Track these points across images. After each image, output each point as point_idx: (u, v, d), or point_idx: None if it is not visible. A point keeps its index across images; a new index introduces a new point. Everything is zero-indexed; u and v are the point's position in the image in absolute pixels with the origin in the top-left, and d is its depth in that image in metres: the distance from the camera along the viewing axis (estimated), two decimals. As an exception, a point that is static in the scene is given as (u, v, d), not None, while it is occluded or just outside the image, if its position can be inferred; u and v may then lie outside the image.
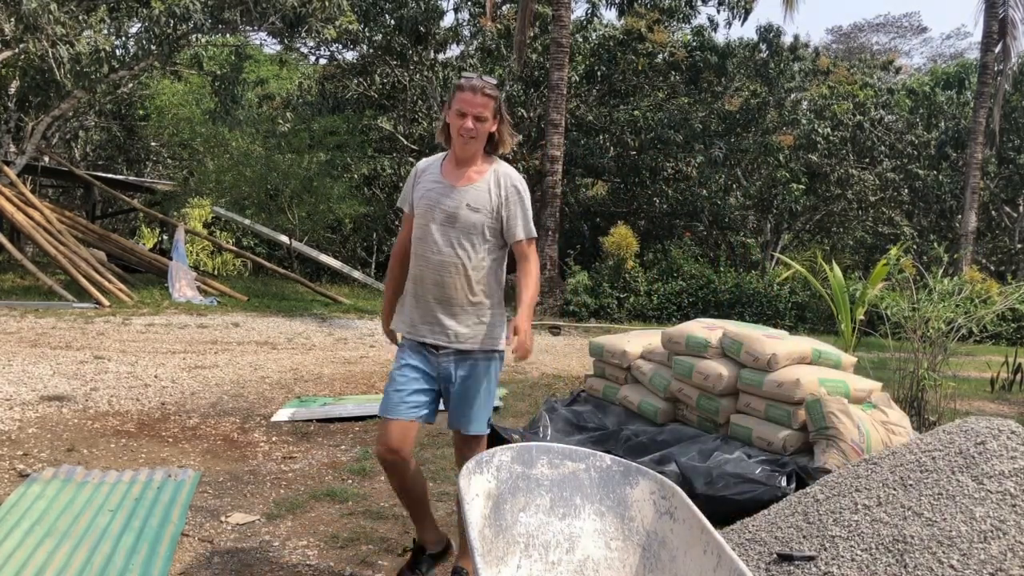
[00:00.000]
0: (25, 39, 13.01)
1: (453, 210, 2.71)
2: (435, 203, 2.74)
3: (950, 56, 31.92)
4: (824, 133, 18.49)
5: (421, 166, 2.88)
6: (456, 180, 2.75)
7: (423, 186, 2.80)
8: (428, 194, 2.77)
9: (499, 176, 2.76)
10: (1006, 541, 2.44)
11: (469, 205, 2.71)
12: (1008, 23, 16.23)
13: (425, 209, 2.75)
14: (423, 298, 2.76)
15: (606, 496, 2.49)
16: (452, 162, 2.78)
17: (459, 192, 2.72)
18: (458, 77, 2.64)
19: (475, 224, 2.72)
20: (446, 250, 2.72)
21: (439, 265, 2.73)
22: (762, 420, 4.22)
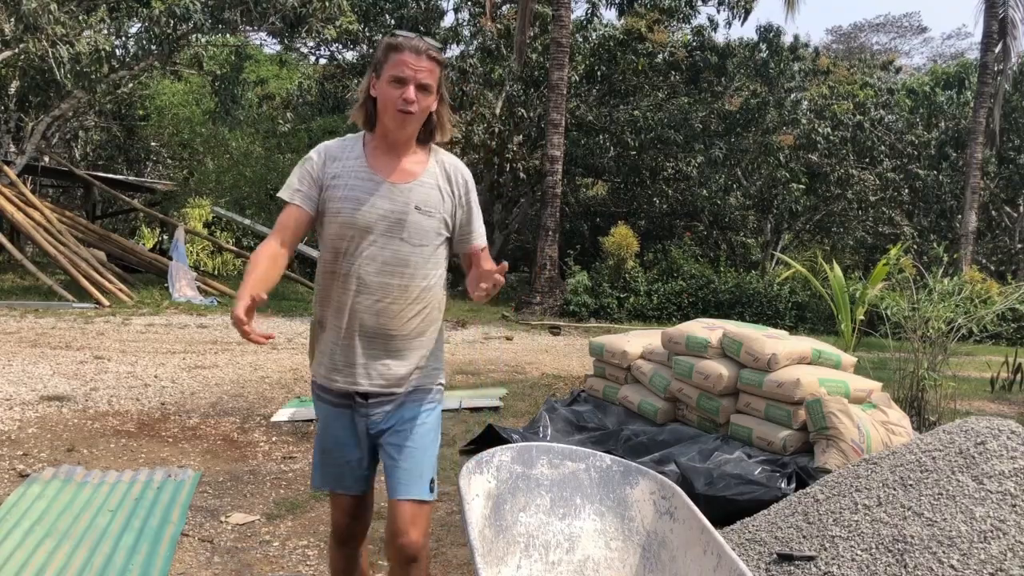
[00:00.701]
0: (25, 39, 13.01)
1: (399, 215, 2.04)
2: (370, 206, 2.03)
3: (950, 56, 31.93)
4: (824, 133, 18.49)
5: (329, 152, 2.12)
6: (393, 174, 2.07)
7: (343, 182, 2.07)
8: (354, 193, 2.04)
9: (447, 168, 2.13)
10: (1006, 541, 2.43)
11: (419, 208, 2.05)
12: (1008, 23, 16.22)
13: (352, 215, 2.03)
14: (350, 335, 2.07)
15: (606, 496, 2.49)
16: (380, 149, 2.09)
17: (402, 190, 2.05)
18: (392, 38, 2.09)
19: (427, 232, 2.07)
20: (389, 269, 2.04)
21: (379, 289, 2.04)
22: (762, 420, 4.22)
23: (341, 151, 2.10)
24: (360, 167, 2.07)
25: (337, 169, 2.07)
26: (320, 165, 2.09)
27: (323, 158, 2.09)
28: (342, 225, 2.04)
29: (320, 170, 2.08)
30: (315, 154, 2.11)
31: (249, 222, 17.03)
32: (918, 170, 19.79)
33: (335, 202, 2.05)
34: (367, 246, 2.04)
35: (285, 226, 2.06)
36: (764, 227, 20.16)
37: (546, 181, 14.54)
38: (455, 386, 6.82)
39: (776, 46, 18.56)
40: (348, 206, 2.04)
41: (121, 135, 22.09)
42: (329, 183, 2.07)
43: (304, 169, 2.09)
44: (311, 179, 2.07)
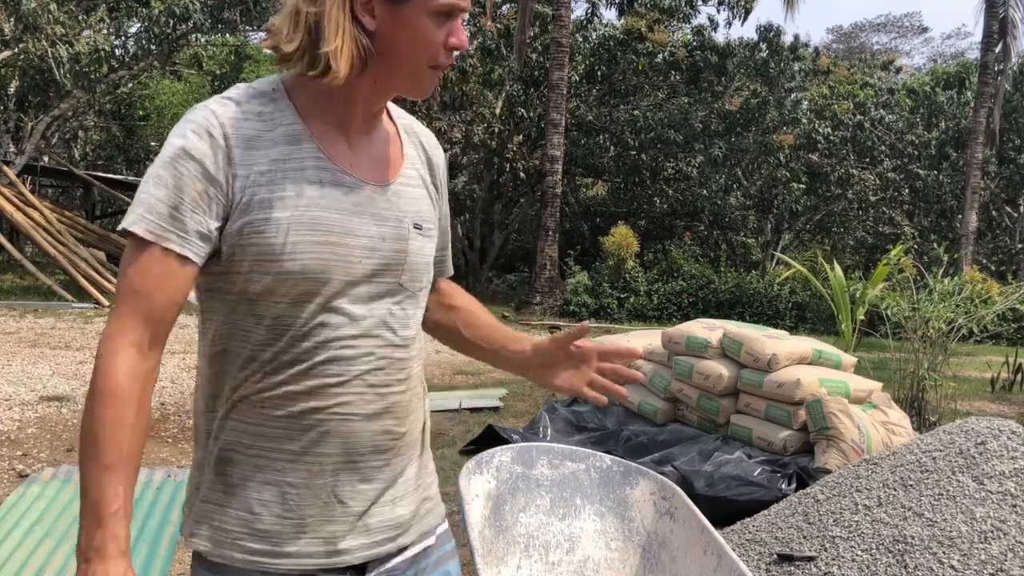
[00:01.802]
0: (24, 39, 13.01)
1: (395, 246, 1.15)
2: (348, 236, 1.11)
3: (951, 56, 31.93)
4: (824, 133, 18.49)
5: (233, 128, 1.07)
6: (368, 166, 1.15)
7: (282, 191, 1.07)
8: (314, 213, 1.09)
9: (422, 142, 1.27)
10: (1007, 541, 2.43)
11: (419, 226, 1.19)
12: (1008, 23, 16.22)
13: (319, 258, 1.08)
14: (320, 468, 1.12)
15: (606, 496, 2.48)
16: (333, 119, 1.13)
17: (389, 198, 1.16)
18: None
19: (426, 268, 1.22)
20: (387, 342, 1.15)
21: (375, 379, 1.13)
22: (762, 420, 4.21)
23: (259, 123, 1.07)
24: (310, 156, 1.09)
25: (263, 163, 1.06)
26: (218, 159, 1.04)
27: (222, 143, 1.05)
28: (298, 279, 1.05)
29: (222, 170, 1.04)
30: (199, 135, 1.04)
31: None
32: (918, 170, 19.79)
33: (273, 234, 1.04)
34: (347, 308, 1.09)
35: (149, 300, 1.02)
36: (764, 227, 20.16)
37: (546, 181, 14.54)
38: (455, 386, 6.82)
39: (776, 46, 18.56)
40: (306, 240, 1.05)
41: (121, 135, 22.10)
42: (247, 197, 1.04)
43: (180, 171, 1.03)
44: (199, 194, 1.03)
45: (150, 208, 1.03)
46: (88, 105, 17.31)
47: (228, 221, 1.05)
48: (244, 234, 1.05)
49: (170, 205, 1.03)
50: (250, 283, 1.06)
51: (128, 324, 1.02)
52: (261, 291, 1.07)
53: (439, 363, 8.13)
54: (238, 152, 1.05)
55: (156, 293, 1.03)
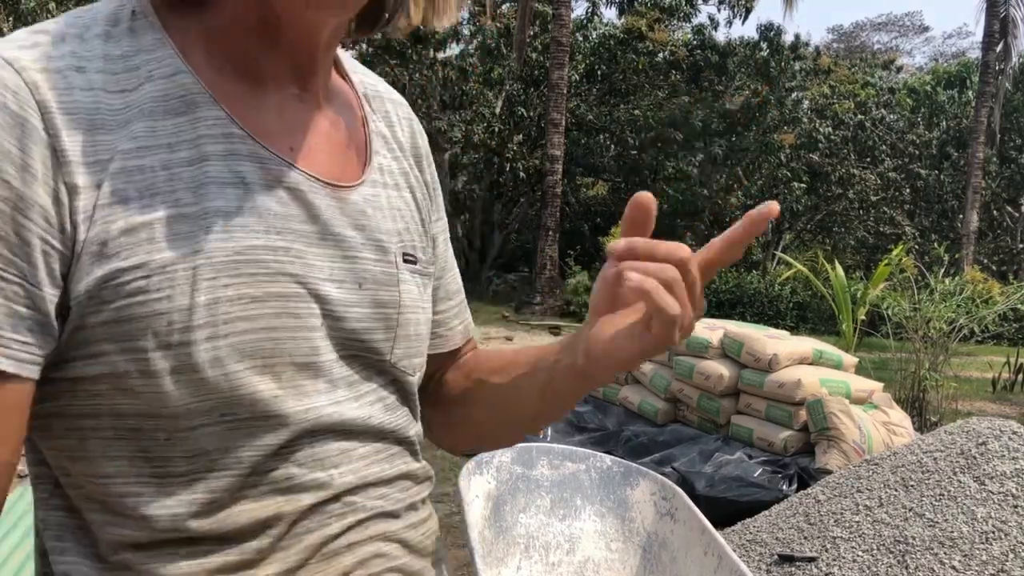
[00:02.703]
0: (25, 38, 13.04)
1: (378, 298, 0.65)
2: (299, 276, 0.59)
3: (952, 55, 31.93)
4: (825, 132, 18.49)
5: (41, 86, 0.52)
6: (321, 152, 0.64)
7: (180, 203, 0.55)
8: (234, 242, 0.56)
9: (393, 112, 0.74)
10: (1008, 542, 2.43)
11: (410, 257, 0.69)
12: (1009, 22, 16.22)
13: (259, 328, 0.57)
14: None
15: (606, 497, 2.48)
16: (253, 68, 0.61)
17: (361, 206, 0.65)
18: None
19: (427, 327, 0.71)
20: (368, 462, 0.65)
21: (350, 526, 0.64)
22: (763, 421, 4.21)
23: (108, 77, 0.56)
24: (216, 132, 0.58)
25: (126, 153, 0.55)
26: (31, 158, 0.52)
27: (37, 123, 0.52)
28: (220, 378, 0.56)
29: (41, 180, 0.52)
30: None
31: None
32: (919, 170, 19.79)
33: (164, 292, 0.54)
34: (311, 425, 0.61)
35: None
36: (765, 227, 20.18)
37: (546, 181, 14.54)
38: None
39: (777, 45, 18.56)
40: (230, 296, 0.56)
41: (121, 135, 22.15)
42: (101, 227, 0.54)
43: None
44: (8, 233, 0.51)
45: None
46: (88, 105, 17.34)
47: (69, 280, 0.54)
48: (103, 299, 0.54)
49: None
50: (122, 397, 0.56)
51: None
52: (151, 410, 0.56)
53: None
54: (74, 139, 0.54)
55: None
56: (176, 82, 0.58)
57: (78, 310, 0.54)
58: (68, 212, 0.53)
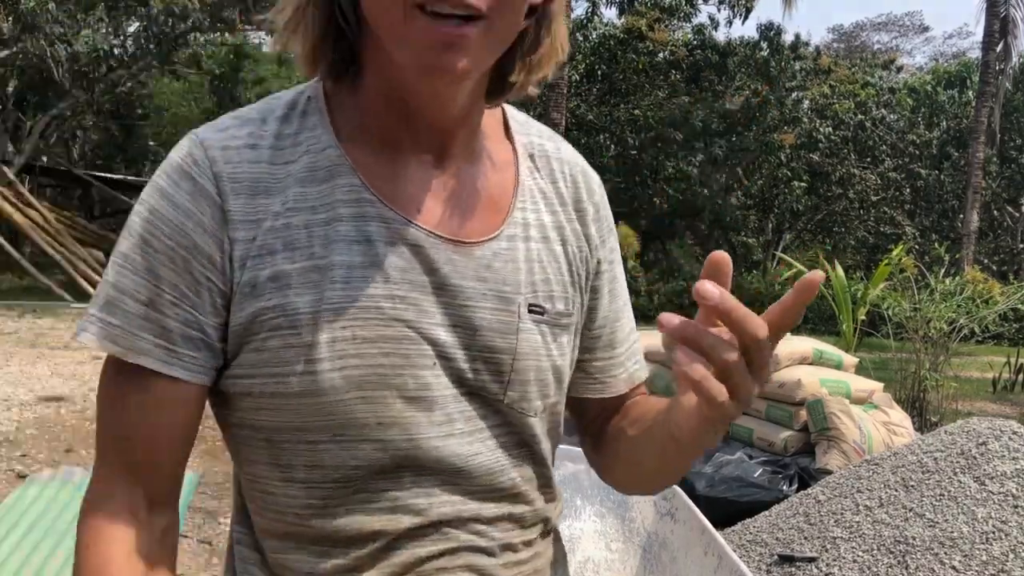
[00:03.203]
0: (23, 38, 13.01)
1: (492, 344, 0.72)
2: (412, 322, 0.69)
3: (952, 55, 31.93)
4: (825, 132, 18.48)
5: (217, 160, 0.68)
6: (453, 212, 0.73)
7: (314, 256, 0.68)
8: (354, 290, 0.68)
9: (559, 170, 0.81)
10: (1008, 542, 2.42)
11: (538, 308, 0.74)
12: (1009, 22, 16.22)
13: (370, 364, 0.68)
14: None
15: (607, 497, 2.47)
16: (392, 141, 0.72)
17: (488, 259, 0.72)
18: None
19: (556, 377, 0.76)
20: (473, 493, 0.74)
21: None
22: (763, 421, 4.20)
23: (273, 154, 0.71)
24: (350, 198, 0.70)
25: (276, 215, 0.69)
26: (204, 216, 0.68)
27: (211, 189, 0.68)
28: (335, 404, 0.68)
29: (211, 233, 0.68)
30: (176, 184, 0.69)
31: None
32: (920, 170, 19.79)
33: (294, 329, 0.68)
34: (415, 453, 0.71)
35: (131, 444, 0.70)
36: (765, 227, 20.15)
37: (546, 181, 14.55)
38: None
39: (777, 45, 18.55)
40: (348, 336, 0.68)
41: (120, 135, 22.10)
42: (253, 273, 0.68)
43: (152, 245, 0.68)
44: (180, 278, 0.68)
45: (112, 306, 0.67)
46: (87, 105, 17.32)
47: (230, 312, 0.67)
48: (251, 333, 0.67)
49: (142, 300, 0.66)
50: (264, 413, 0.69)
51: (112, 486, 0.69)
52: (282, 424, 0.68)
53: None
54: (237, 202, 0.67)
55: (139, 432, 0.68)
56: (325, 155, 0.70)
57: (234, 338, 0.68)
58: (228, 259, 0.67)
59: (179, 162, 0.69)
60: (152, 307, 0.67)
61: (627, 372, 0.85)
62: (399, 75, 0.67)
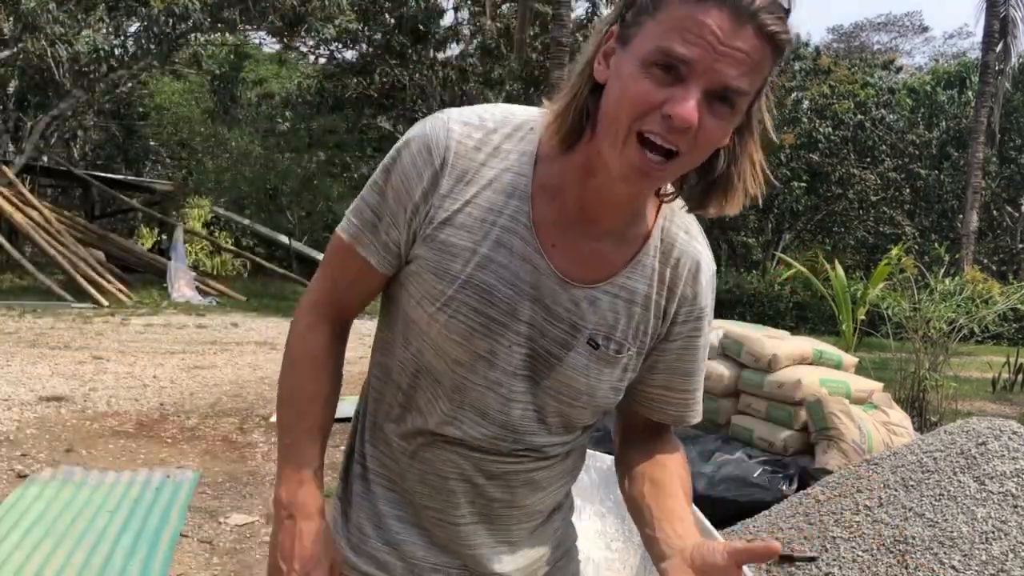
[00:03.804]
0: (24, 38, 13.01)
1: (546, 348, 1.00)
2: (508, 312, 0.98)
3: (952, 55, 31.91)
4: (825, 132, 18.49)
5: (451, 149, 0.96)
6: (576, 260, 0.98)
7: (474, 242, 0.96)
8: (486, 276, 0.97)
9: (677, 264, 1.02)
10: (1008, 542, 2.42)
11: (595, 341, 1.00)
12: (1009, 22, 16.21)
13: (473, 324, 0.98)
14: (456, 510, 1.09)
15: (606, 497, 2.47)
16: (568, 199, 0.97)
17: (579, 300, 0.98)
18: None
19: (587, 395, 1.03)
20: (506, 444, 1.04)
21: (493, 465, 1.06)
22: (763, 421, 4.21)
23: (487, 157, 0.96)
24: (513, 215, 0.96)
25: (466, 201, 0.96)
26: (424, 180, 0.96)
27: (437, 165, 0.95)
28: (444, 333, 0.97)
29: (422, 193, 0.96)
30: (419, 149, 0.96)
31: (248, 222, 17.04)
32: (919, 170, 19.79)
33: (439, 281, 0.96)
34: (481, 391, 0.99)
35: (341, 291, 1.05)
36: (765, 227, 20.15)
37: (546, 181, 14.55)
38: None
39: (776, 45, 18.52)
40: (468, 301, 0.96)
41: (120, 135, 22.10)
42: (433, 231, 0.96)
43: (390, 181, 0.98)
44: (397, 210, 0.97)
45: (358, 212, 1.01)
46: (87, 105, 17.33)
47: (413, 244, 0.98)
48: (417, 264, 0.98)
49: (374, 213, 0.99)
50: (410, 307, 1.01)
51: (323, 306, 1.06)
52: (415, 319, 1.00)
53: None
54: (447, 183, 0.95)
55: (348, 289, 1.04)
56: (517, 178, 0.95)
57: (409, 259, 0.99)
58: (425, 214, 0.96)
59: (431, 135, 0.96)
60: (378, 220, 0.98)
61: (668, 414, 1.11)
62: (602, 165, 0.90)
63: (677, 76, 0.81)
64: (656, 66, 0.81)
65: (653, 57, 0.81)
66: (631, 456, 1.13)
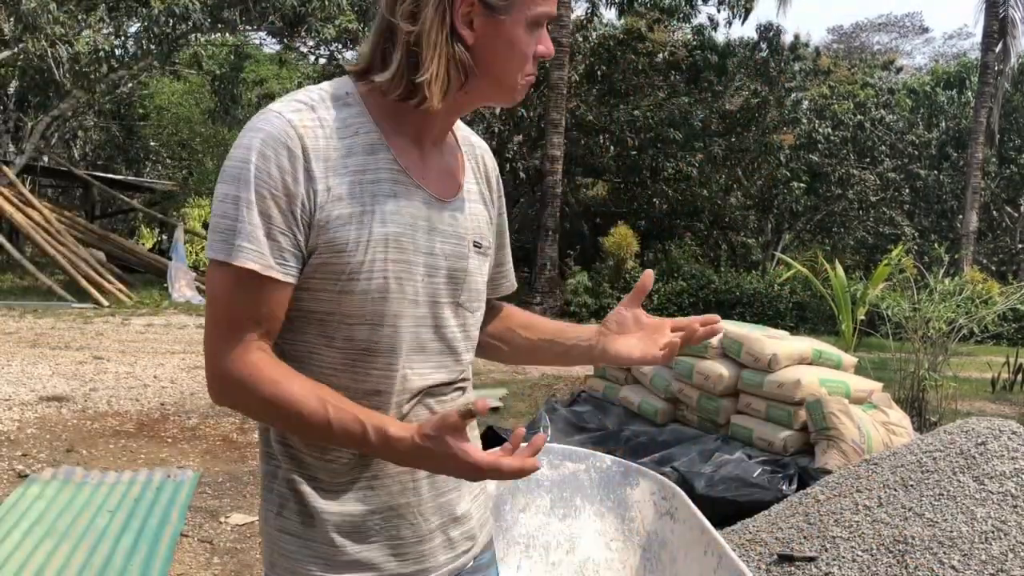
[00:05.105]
0: (24, 39, 13.01)
1: (455, 267, 1.12)
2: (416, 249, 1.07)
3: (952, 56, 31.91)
4: (825, 133, 18.49)
5: (304, 136, 1.00)
6: (437, 179, 1.12)
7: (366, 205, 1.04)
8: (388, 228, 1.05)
9: (478, 156, 1.23)
10: (1007, 542, 2.43)
11: (478, 244, 1.16)
12: (1008, 23, 16.22)
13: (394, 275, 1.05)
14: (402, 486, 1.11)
15: (606, 497, 2.48)
16: (409, 130, 1.09)
17: (454, 213, 1.12)
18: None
19: (484, 287, 1.19)
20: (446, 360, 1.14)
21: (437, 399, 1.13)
22: (763, 421, 4.21)
23: (336, 132, 1.02)
24: (386, 168, 1.05)
25: (341, 176, 1.02)
26: (298, 174, 0.99)
27: (300, 155, 0.99)
28: (374, 298, 1.03)
29: (302, 185, 0.99)
30: (276, 149, 0.98)
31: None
32: (919, 170, 19.79)
33: (352, 252, 1.01)
34: (412, 330, 1.07)
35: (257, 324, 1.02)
36: (765, 227, 20.15)
37: (546, 181, 14.54)
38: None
39: (776, 45, 18.55)
40: (382, 258, 1.03)
41: (120, 135, 22.09)
42: (326, 214, 1.01)
43: (263, 192, 0.98)
44: (285, 215, 0.99)
45: (250, 237, 0.98)
46: (88, 105, 17.33)
47: (308, 239, 1.01)
48: (321, 252, 1.01)
49: (264, 231, 0.98)
50: (320, 302, 1.04)
51: (248, 345, 1.01)
52: (332, 310, 1.04)
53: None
54: (317, 166, 1.00)
55: (270, 318, 1.02)
56: (369, 136, 1.05)
57: (308, 256, 1.01)
58: (312, 204, 1.00)
59: (279, 133, 0.99)
60: (271, 236, 0.99)
61: (507, 282, 1.33)
62: (475, 100, 1.11)
63: (540, 25, 1.08)
64: (536, 25, 1.07)
65: (535, 19, 1.06)
66: (495, 329, 1.33)
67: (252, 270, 0.98)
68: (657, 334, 1.21)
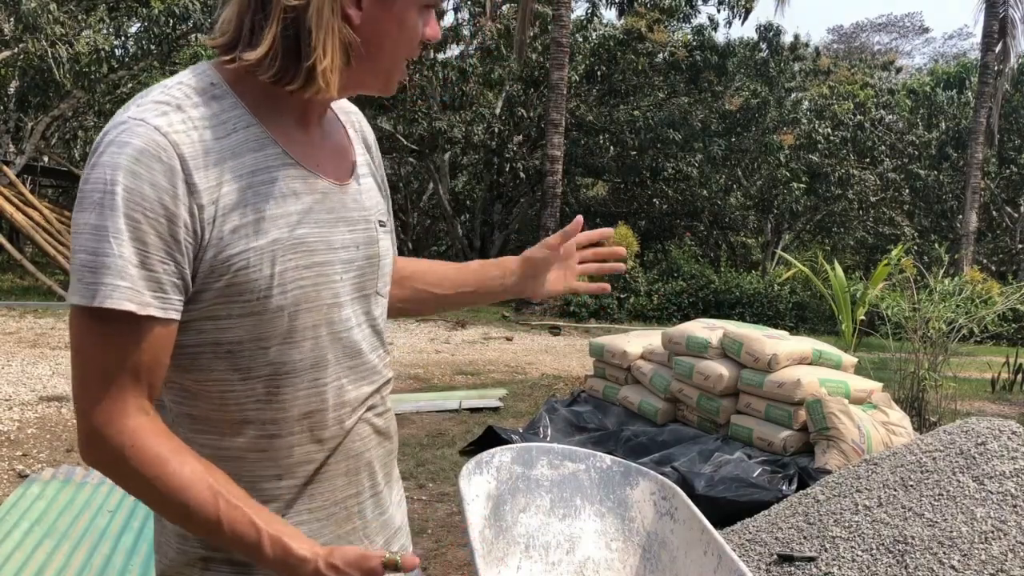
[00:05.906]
0: (24, 39, 13.01)
1: (368, 254, 1.03)
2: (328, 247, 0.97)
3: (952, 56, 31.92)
4: (824, 133, 18.49)
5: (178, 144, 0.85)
6: (331, 162, 1.02)
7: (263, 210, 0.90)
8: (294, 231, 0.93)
9: (355, 121, 1.13)
10: (1007, 542, 2.43)
11: (382, 223, 1.07)
12: (1008, 23, 16.22)
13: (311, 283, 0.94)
14: (359, 498, 1.05)
15: (606, 497, 2.48)
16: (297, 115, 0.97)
17: (354, 196, 1.03)
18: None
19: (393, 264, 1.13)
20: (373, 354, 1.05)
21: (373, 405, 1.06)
22: (762, 420, 4.21)
23: (211, 131, 0.89)
24: (277, 163, 0.93)
25: (228, 182, 0.89)
26: (177, 190, 0.85)
27: (177, 167, 0.85)
28: (290, 314, 0.92)
29: (183, 202, 0.85)
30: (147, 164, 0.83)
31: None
32: (919, 170, 19.79)
33: (257, 266, 0.89)
34: (337, 334, 0.98)
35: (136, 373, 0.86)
36: (764, 227, 20.15)
37: (546, 181, 14.54)
38: (455, 386, 6.82)
39: (776, 46, 18.56)
40: (293, 266, 0.92)
41: (121, 135, 22.08)
42: (219, 229, 0.88)
43: (135, 216, 0.83)
44: (164, 240, 0.84)
45: (121, 272, 0.82)
46: (88, 105, 17.32)
47: (198, 261, 0.86)
48: (221, 274, 0.87)
49: (139, 261, 0.82)
50: (228, 331, 0.89)
51: (126, 407, 0.86)
52: (242, 337, 0.90)
53: (439, 363, 8.13)
54: (199, 176, 0.85)
55: (145, 368, 0.86)
56: (250, 130, 0.91)
57: (201, 280, 0.87)
58: (198, 221, 0.86)
59: (147, 144, 0.84)
60: (146, 268, 0.83)
61: (396, 243, 1.20)
62: (355, 85, 0.97)
63: (429, 9, 0.98)
64: (427, 8, 0.98)
65: (426, 2, 0.97)
66: (403, 294, 1.25)
67: (127, 311, 0.82)
68: (570, 260, 1.31)
